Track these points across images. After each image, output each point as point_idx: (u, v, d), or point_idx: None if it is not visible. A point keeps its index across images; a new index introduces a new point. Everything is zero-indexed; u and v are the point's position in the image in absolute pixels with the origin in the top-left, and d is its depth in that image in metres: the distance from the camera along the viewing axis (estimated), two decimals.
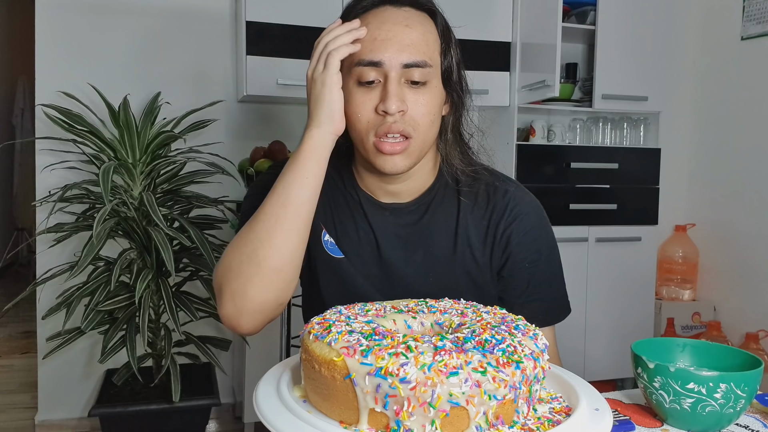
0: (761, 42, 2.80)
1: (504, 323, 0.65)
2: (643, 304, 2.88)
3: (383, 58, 0.88)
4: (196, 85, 2.61)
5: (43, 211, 2.30)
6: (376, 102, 0.89)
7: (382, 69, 0.88)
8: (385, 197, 1.01)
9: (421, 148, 0.92)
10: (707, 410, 0.70)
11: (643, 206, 2.85)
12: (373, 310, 0.71)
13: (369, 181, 1.01)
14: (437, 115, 0.94)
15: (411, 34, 0.89)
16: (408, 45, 0.88)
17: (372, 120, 0.90)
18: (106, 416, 2.09)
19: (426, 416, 0.54)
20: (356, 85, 0.90)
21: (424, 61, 0.89)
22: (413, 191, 1.01)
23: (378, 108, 0.89)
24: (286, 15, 2.41)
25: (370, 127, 0.90)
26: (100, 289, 2.00)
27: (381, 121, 0.89)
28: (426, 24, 0.92)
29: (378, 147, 0.90)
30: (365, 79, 0.89)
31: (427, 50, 0.90)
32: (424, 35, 0.90)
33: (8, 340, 3.73)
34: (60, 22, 2.46)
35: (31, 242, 4.30)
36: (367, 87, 0.90)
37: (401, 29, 0.89)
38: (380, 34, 0.89)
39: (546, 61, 2.57)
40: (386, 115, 0.88)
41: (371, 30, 0.89)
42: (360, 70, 0.89)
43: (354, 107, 0.90)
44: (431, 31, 0.92)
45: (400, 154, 0.90)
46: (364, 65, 0.89)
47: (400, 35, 0.89)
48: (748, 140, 2.87)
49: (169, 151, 2.22)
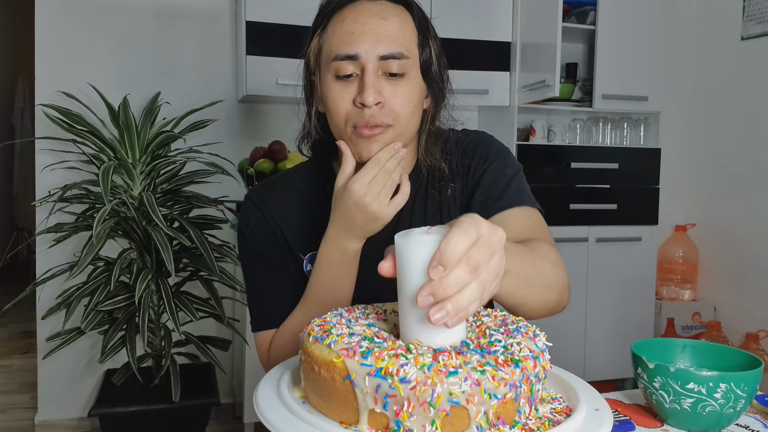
0: (761, 42, 2.80)
1: (504, 326, 0.65)
2: (644, 304, 2.88)
3: (359, 51, 0.88)
4: (196, 85, 2.61)
5: (42, 211, 2.29)
6: (353, 95, 0.89)
7: (359, 62, 0.88)
8: None
9: (399, 137, 0.91)
10: (707, 410, 0.70)
11: (643, 206, 2.85)
12: (374, 314, 0.71)
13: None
14: (417, 107, 0.93)
15: (387, 26, 0.89)
16: (384, 37, 0.88)
17: (350, 112, 0.89)
18: (106, 416, 2.09)
19: (426, 416, 0.54)
20: (334, 79, 0.90)
21: (401, 53, 0.89)
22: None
23: (356, 100, 0.88)
24: (286, 15, 2.41)
25: (348, 120, 0.90)
26: (99, 289, 2.00)
27: (359, 113, 0.88)
28: (402, 16, 0.92)
29: (357, 134, 0.90)
30: (342, 73, 0.89)
31: (403, 41, 0.90)
32: (400, 27, 0.90)
33: (8, 340, 3.73)
34: (60, 22, 2.46)
35: (30, 242, 4.30)
36: (344, 81, 0.89)
37: (377, 21, 0.89)
38: (356, 28, 0.88)
39: (546, 61, 2.57)
40: (363, 107, 0.88)
41: (347, 24, 0.89)
42: (337, 65, 0.89)
43: (332, 101, 0.90)
44: (407, 23, 0.92)
45: (378, 137, 0.89)
46: (341, 59, 0.88)
47: (376, 27, 0.88)
48: (748, 140, 2.87)
49: (168, 151, 2.22)
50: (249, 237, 1.02)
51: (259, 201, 1.04)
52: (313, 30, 0.97)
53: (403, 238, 0.60)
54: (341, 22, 0.91)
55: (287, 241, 1.02)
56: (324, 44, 0.94)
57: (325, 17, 0.95)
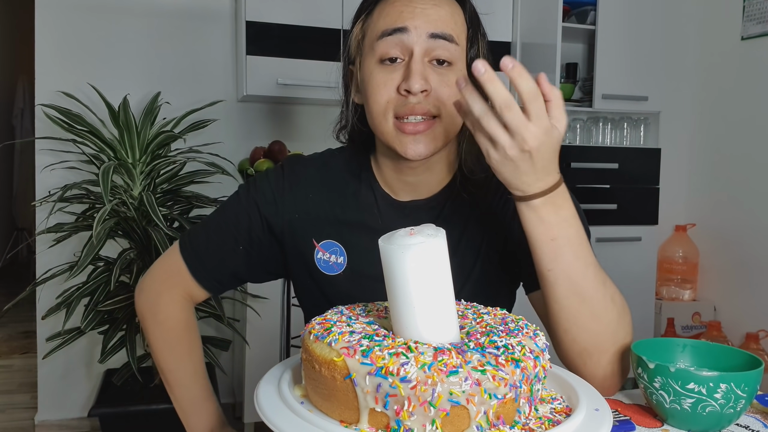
0: (761, 42, 2.80)
1: (504, 324, 0.65)
2: (644, 304, 2.88)
3: (409, 25, 0.83)
4: (196, 85, 2.61)
5: (42, 211, 2.29)
6: (398, 81, 0.84)
7: (407, 43, 0.84)
8: (404, 193, 0.95)
9: (446, 131, 0.86)
10: (707, 410, 0.70)
11: (643, 206, 2.85)
12: (375, 311, 0.71)
13: (388, 174, 0.95)
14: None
15: (439, 11, 0.85)
16: (435, 19, 0.84)
17: (392, 100, 0.84)
18: (106, 416, 2.09)
19: (426, 416, 0.54)
20: (377, 64, 0.86)
21: (451, 36, 0.85)
22: (432, 185, 0.95)
23: (400, 87, 0.83)
24: (286, 15, 2.41)
25: (389, 107, 0.85)
26: (99, 289, 2.00)
27: (402, 101, 0.84)
28: (453, 7, 0.88)
29: (399, 128, 0.85)
30: (388, 56, 0.84)
31: (455, 28, 0.86)
32: (452, 15, 0.86)
33: (8, 340, 3.73)
34: (60, 22, 2.46)
35: (30, 242, 4.30)
36: (389, 66, 0.85)
37: (429, 6, 0.85)
38: (406, 8, 0.85)
39: (546, 60, 2.57)
40: (408, 95, 0.83)
41: (397, 5, 0.85)
42: (384, 45, 0.85)
43: (374, 87, 0.85)
44: (459, 13, 0.88)
45: (423, 133, 0.84)
46: (389, 34, 0.84)
47: (429, 10, 0.85)
48: (748, 140, 2.87)
49: (168, 151, 2.22)
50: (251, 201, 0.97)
51: (291, 176, 0.98)
52: (357, 16, 0.92)
53: (386, 242, 0.59)
54: (391, 5, 0.87)
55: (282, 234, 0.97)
56: (368, 29, 0.89)
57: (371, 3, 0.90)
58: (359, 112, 0.94)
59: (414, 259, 0.58)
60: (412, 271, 0.58)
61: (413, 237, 0.58)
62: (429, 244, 0.58)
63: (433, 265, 0.59)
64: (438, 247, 0.59)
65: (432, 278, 0.59)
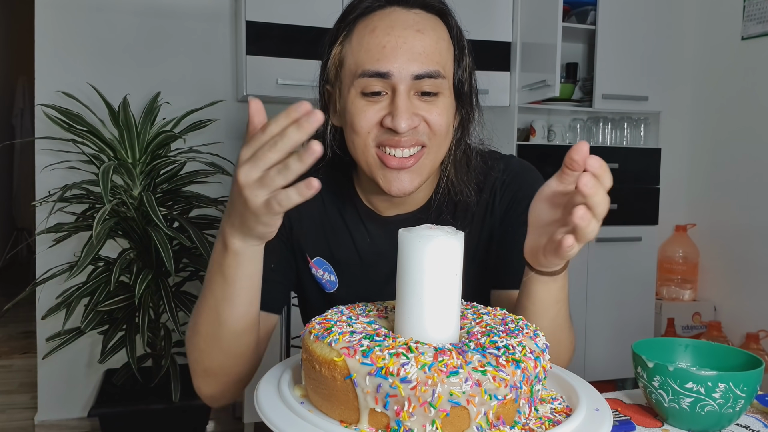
0: (761, 42, 2.80)
1: (504, 324, 0.65)
2: (644, 304, 2.88)
3: (392, 69, 0.78)
4: (196, 84, 2.61)
5: (42, 211, 2.29)
6: (381, 114, 0.80)
7: (390, 81, 0.79)
8: (389, 209, 0.93)
9: (433, 160, 0.83)
10: (706, 410, 0.70)
11: (643, 206, 2.85)
12: (375, 311, 0.71)
13: (371, 192, 0.92)
14: (450, 127, 0.85)
15: (423, 40, 0.79)
16: (420, 53, 0.79)
17: (375, 131, 0.81)
18: (105, 416, 2.09)
19: (426, 416, 0.54)
20: (359, 96, 0.81)
21: (437, 71, 0.80)
22: (417, 200, 0.93)
23: (384, 122, 0.80)
24: (286, 15, 2.41)
25: (371, 137, 0.81)
26: (99, 289, 2.00)
27: (387, 133, 0.80)
28: (438, 29, 0.83)
29: (383, 159, 0.81)
30: (370, 90, 0.80)
31: (440, 59, 0.81)
32: (437, 42, 0.81)
33: (8, 340, 3.72)
34: (60, 22, 2.46)
35: (30, 242, 4.30)
36: (371, 98, 0.80)
37: (412, 35, 0.79)
38: (389, 41, 0.78)
39: (546, 60, 2.57)
40: (393, 132, 0.79)
41: (378, 36, 0.79)
42: (365, 82, 0.79)
43: (355, 116, 0.81)
44: (444, 36, 0.83)
45: (409, 169, 0.81)
46: (370, 76, 0.79)
47: (411, 41, 0.79)
48: (748, 140, 2.87)
49: (168, 151, 2.22)
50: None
51: None
52: (334, 36, 0.85)
53: (407, 231, 0.61)
54: (370, 33, 0.80)
55: (291, 237, 0.95)
56: (348, 56, 0.83)
57: (349, 24, 0.84)
58: (338, 137, 0.89)
59: (433, 252, 0.59)
60: (428, 262, 0.59)
61: (435, 230, 0.60)
62: (449, 240, 0.60)
63: (449, 261, 0.60)
64: (456, 246, 0.61)
65: (445, 274, 0.60)
